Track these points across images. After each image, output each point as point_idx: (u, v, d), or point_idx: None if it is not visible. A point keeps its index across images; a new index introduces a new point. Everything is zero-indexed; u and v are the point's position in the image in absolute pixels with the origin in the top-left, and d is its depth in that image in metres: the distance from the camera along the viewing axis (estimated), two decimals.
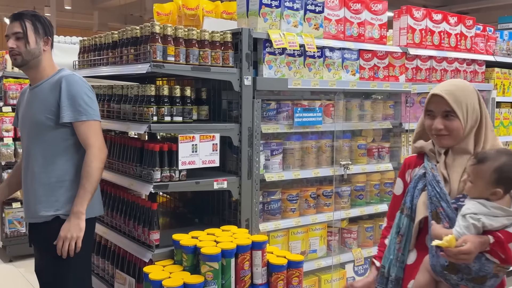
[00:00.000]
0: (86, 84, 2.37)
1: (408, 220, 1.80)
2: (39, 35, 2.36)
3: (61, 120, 2.27)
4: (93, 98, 2.36)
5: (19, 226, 4.84)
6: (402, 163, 1.97)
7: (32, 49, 2.34)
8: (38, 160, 2.33)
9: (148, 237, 2.45)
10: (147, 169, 2.47)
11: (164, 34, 2.42)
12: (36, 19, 2.38)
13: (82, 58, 3.17)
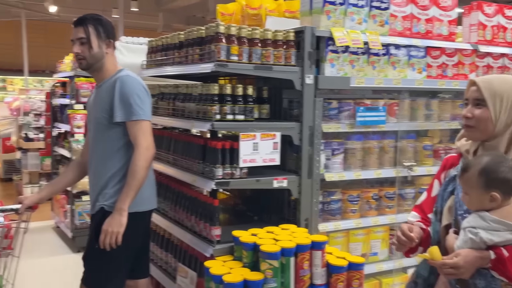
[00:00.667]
0: (139, 85, 2.46)
1: (438, 225, 1.72)
2: (101, 38, 2.48)
3: (114, 119, 2.40)
4: (145, 99, 2.45)
5: (87, 218, 5.10)
6: (441, 163, 1.87)
7: (95, 53, 2.47)
8: (98, 156, 2.52)
9: (209, 233, 2.51)
10: (210, 166, 2.52)
11: (228, 34, 2.46)
12: (98, 23, 2.49)
13: (150, 58, 3.29)
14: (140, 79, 2.53)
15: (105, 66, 2.52)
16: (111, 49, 2.54)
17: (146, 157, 2.38)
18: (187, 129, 3.38)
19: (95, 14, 2.57)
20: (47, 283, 4.34)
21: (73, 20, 2.51)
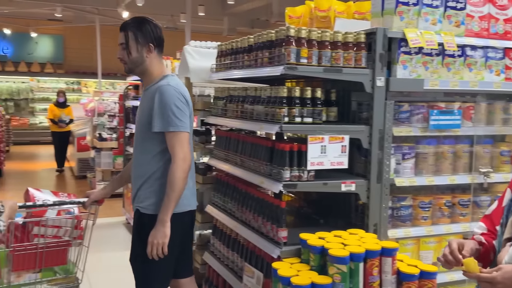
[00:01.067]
0: (179, 95, 2.48)
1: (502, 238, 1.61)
2: (140, 43, 2.51)
3: (152, 129, 2.48)
4: (183, 109, 2.48)
5: None
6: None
7: (133, 58, 2.52)
8: (136, 159, 2.64)
9: (276, 234, 2.53)
10: (277, 168, 2.54)
11: (298, 37, 2.47)
12: (137, 28, 2.52)
13: (219, 62, 3.37)
14: (181, 88, 2.53)
15: (149, 70, 2.56)
16: (152, 54, 2.55)
17: (183, 168, 2.45)
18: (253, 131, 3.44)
19: (139, 18, 2.60)
20: (117, 276, 4.53)
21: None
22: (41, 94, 16.04)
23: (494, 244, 1.72)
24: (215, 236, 3.38)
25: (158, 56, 2.60)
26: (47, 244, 2.66)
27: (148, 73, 2.58)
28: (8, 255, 2.58)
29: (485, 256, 1.70)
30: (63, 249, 2.77)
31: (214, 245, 3.38)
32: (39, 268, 2.69)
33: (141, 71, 2.58)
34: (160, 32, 2.62)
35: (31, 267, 2.67)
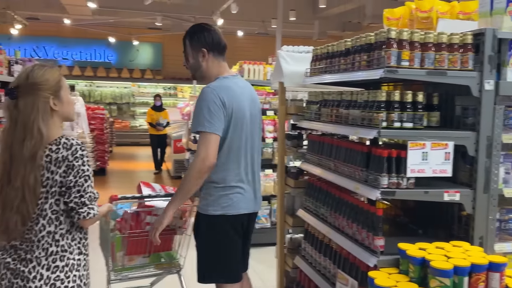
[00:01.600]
0: (215, 97, 2.55)
1: None
2: (195, 50, 2.65)
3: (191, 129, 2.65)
4: (215, 111, 2.53)
5: (265, 222, 5.42)
6: None
7: (191, 64, 2.70)
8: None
9: (372, 242, 2.46)
10: (374, 174, 2.47)
11: (400, 39, 2.39)
12: (191, 36, 2.66)
13: (314, 66, 3.36)
14: (220, 91, 2.58)
15: (207, 74, 2.68)
16: (207, 58, 2.67)
17: (200, 167, 2.52)
18: (345, 135, 3.38)
19: (194, 26, 2.74)
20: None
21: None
22: (141, 99, 17.12)
23: None
24: (307, 241, 3.37)
25: (215, 59, 2.71)
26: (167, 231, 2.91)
27: (207, 77, 2.70)
28: (123, 241, 2.91)
29: None
30: (169, 236, 3.05)
31: (306, 250, 3.37)
32: (148, 253, 3.00)
33: (201, 75, 2.72)
34: (216, 36, 2.71)
35: (141, 252, 2.98)
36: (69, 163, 1.93)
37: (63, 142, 1.95)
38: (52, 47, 16.30)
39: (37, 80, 1.96)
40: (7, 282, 1.94)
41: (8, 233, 1.94)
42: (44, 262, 1.95)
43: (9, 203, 1.90)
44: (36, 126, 1.92)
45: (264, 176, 5.50)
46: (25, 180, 1.89)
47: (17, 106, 1.95)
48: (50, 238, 1.96)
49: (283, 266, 3.82)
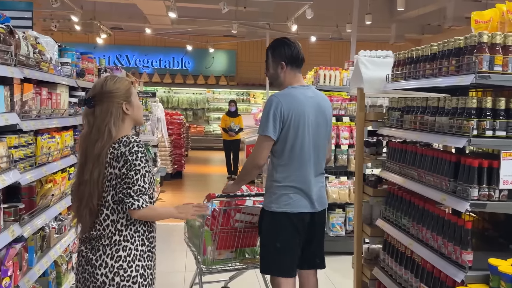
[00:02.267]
0: (275, 104, 2.84)
1: None
2: (275, 62, 2.97)
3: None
4: (268, 117, 2.84)
5: (340, 230, 5.37)
6: None
7: (271, 74, 3.02)
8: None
9: (460, 257, 2.34)
10: (463, 185, 2.35)
11: (492, 43, 2.26)
12: (273, 50, 3.00)
13: (397, 71, 3.27)
14: (279, 98, 2.87)
15: (284, 83, 2.98)
16: (286, 70, 2.96)
17: (248, 164, 2.97)
18: (428, 143, 3.25)
19: (276, 41, 3.06)
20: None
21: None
22: (215, 105, 17.57)
23: None
24: (386, 252, 3.27)
25: (291, 71, 2.99)
26: (244, 229, 3.26)
27: (283, 85, 3.00)
28: (214, 236, 3.22)
29: None
30: (255, 233, 3.33)
31: (385, 261, 3.27)
32: (236, 248, 3.31)
33: (278, 84, 3.03)
34: (295, 51, 2.98)
35: (229, 247, 3.29)
36: (125, 157, 2.10)
37: (123, 140, 2.14)
38: (134, 55, 17.19)
39: (110, 89, 2.17)
40: (82, 268, 2.14)
41: (83, 224, 2.16)
42: (109, 251, 2.10)
43: (83, 198, 2.12)
44: (108, 128, 2.12)
45: (339, 183, 5.42)
46: (91, 175, 2.09)
47: (94, 113, 2.16)
48: (113, 228, 2.13)
49: (360, 276, 3.73)
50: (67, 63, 3.25)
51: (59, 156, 3.00)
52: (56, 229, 2.92)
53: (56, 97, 3.00)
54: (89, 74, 3.78)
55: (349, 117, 5.46)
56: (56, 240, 2.90)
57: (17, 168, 2.28)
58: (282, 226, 2.92)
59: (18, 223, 2.28)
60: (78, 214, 2.17)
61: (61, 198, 3.02)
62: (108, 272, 2.08)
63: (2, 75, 2.09)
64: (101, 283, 2.08)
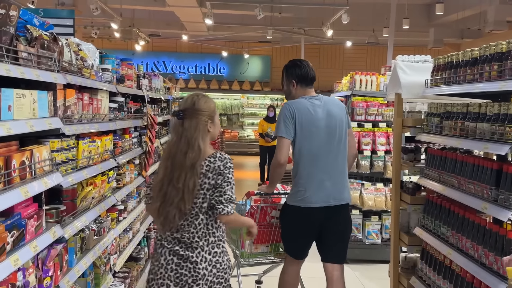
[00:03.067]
0: (287, 110, 3.29)
1: None
2: (288, 80, 3.45)
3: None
4: (280, 120, 3.30)
5: (375, 238, 5.29)
6: None
7: (285, 90, 3.51)
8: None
9: (501, 267, 2.25)
10: (505, 194, 2.28)
11: None
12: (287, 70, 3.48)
13: (436, 76, 3.20)
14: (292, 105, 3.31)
15: (295, 98, 3.40)
16: (297, 87, 3.42)
17: (273, 163, 3.33)
18: (468, 150, 3.16)
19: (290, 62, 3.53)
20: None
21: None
22: (249, 110, 17.65)
23: None
24: (424, 261, 3.19)
25: (301, 88, 3.43)
26: (279, 225, 3.55)
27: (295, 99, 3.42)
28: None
29: None
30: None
31: (423, 270, 3.19)
32: (271, 242, 3.63)
33: (291, 99, 3.45)
34: (304, 71, 3.42)
35: (265, 242, 3.62)
36: (220, 171, 2.42)
37: (218, 156, 2.46)
38: (171, 61, 17.50)
39: (201, 108, 2.47)
40: (174, 266, 2.42)
41: (167, 223, 2.42)
42: (206, 248, 2.44)
43: (169, 199, 2.40)
44: (197, 143, 2.41)
45: (375, 190, 5.34)
46: (185, 184, 2.37)
47: (183, 125, 2.45)
48: (207, 230, 2.45)
49: (397, 286, 3.66)
50: (108, 69, 3.34)
51: (99, 160, 3.08)
52: (96, 231, 2.99)
53: (97, 102, 3.08)
54: (128, 80, 3.87)
55: (385, 123, 5.37)
56: (95, 242, 2.97)
57: (59, 171, 2.36)
58: (293, 218, 3.33)
59: (59, 225, 2.35)
60: (160, 213, 2.44)
61: (100, 200, 3.09)
62: (208, 265, 2.42)
63: (46, 81, 2.16)
64: (202, 275, 2.41)
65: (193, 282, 2.40)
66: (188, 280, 2.39)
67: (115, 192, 3.46)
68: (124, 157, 3.67)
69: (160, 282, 2.44)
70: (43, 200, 2.22)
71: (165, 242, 2.49)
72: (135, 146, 4.23)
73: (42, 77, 2.09)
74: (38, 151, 2.16)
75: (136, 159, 4.28)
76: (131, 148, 4.03)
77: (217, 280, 2.46)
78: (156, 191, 2.46)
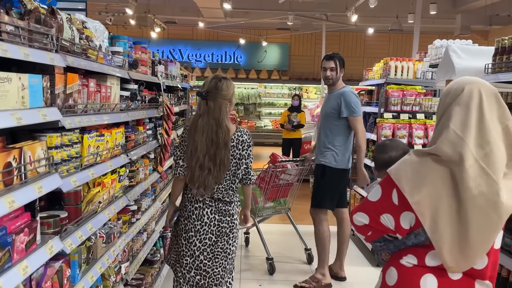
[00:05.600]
0: (356, 96, 4.31)
1: None
2: (343, 69, 4.39)
3: (341, 115, 4.25)
4: (358, 103, 4.29)
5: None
6: None
7: (337, 77, 4.36)
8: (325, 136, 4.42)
9: None
10: None
11: None
12: (342, 60, 4.40)
13: (499, 61, 2.72)
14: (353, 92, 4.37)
15: (338, 82, 4.42)
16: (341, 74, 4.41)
17: (363, 139, 4.36)
18: None
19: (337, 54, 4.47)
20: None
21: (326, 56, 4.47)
22: (267, 100, 17.15)
23: None
24: None
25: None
26: (283, 185, 4.94)
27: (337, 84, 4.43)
28: (265, 190, 4.85)
29: None
30: (288, 188, 5.06)
31: None
32: (277, 197, 5.06)
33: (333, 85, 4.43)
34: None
35: (273, 198, 5.04)
36: (248, 143, 2.94)
37: (244, 131, 2.96)
38: (187, 49, 17.05)
39: (223, 92, 2.83)
40: (216, 222, 2.92)
41: (205, 187, 2.86)
42: (234, 205, 3.00)
43: (207, 170, 2.82)
44: (224, 123, 2.83)
45: None
46: (222, 159, 2.82)
47: (207, 104, 2.83)
48: (234, 188, 2.97)
49: None
50: (119, 52, 2.92)
51: (109, 156, 2.68)
52: (104, 238, 2.60)
53: (106, 90, 2.67)
54: (142, 65, 3.46)
55: (424, 114, 4.88)
56: (104, 250, 2.59)
57: (58, 172, 1.96)
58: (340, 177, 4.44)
59: (59, 236, 1.96)
60: (197, 181, 2.84)
61: (110, 202, 2.70)
62: (237, 216, 3.04)
63: (40, 62, 1.75)
64: (235, 224, 3.00)
65: (230, 232, 2.97)
66: (226, 231, 2.95)
67: (128, 192, 3.07)
68: (138, 151, 3.28)
69: (203, 237, 2.91)
70: (37, 208, 1.82)
71: (206, 204, 2.92)
72: (150, 139, 3.83)
73: (33, 57, 1.68)
74: (30, 149, 1.76)
75: (151, 153, 3.88)
76: (146, 141, 3.63)
77: (238, 226, 3.07)
78: (193, 162, 2.84)
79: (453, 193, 1.67)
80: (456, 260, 1.68)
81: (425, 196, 1.68)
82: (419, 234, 1.75)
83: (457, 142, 1.67)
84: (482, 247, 1.66)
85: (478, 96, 1.71)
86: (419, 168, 1.72)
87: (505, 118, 1.71)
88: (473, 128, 1.67)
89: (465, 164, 1.64)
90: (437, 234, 1.68)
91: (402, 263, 1.81)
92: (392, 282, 1.83)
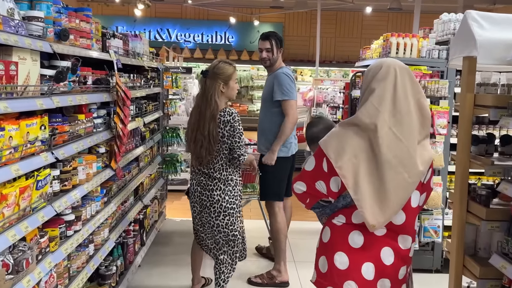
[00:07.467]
0: (290, 78, 4.02)
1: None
2: (281, 48, 4.11)
3: (274, 98, 3.99)
4: (291, 85, 4.01)
5: (434, 236, 4.12)
6: None
7: (273, 58, 4.08)
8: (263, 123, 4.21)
9: None
10: None
11: None
12: (279, 39, 4.13)
13: None
14: (289, 73, 4.06)
15: (275, 64, 4.12)
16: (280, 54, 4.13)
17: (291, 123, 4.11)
18: None
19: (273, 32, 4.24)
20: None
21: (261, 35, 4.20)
22: (260, 82, 16.34)
23: None
24: None
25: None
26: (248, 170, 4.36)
27: (275, 66, 4.14)
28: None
29: None
30: (252, 174, 4.40)
31: None
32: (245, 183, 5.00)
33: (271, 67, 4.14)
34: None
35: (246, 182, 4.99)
36: (231, 123, 3.18)
37: (227, 110, 3.20)
38: (175, 29, 16.15)
39: (218, 72, 3.23)
40: (198, 194, 3.31)
41: (200, 159, 3.23)
42: (223, 180, 3.25)
43: (199, 142, 3.19)
44: (214, 99, 3.18)
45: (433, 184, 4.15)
46: (210, 131, 3.15)
47: (206, 83, 3.24)
48: (222, 167, 3.25)
49: None
50: (38, 18, 2.22)
51: (17, 157, 2.00)
52: (10, 267, 1.94)
53: (14, 68, 1.98)
54: (82, 37, 2.75)
55: (429, 99, 4.19)
56: (10, 284, 1.92)
57: None
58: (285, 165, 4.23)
59: None
60: (195, 152, 3.24)
61: (21, 218, 2.03)
62: (221, 193, 3.24)
63: None
64: (216, 200, 3.24)
65: (210, 206, 3.26)
66: (207, 204, 3.27)
67: (55, 200, 2.39)
68: (74, 146, 2.59)
69: (192, 205, 3.40)
70: None
71: (194, 175, 3.35)
72: (100, 129, 3.15)
73: None
74: None
75: (101, 147, 3.20)
76: (91, 132, 2.94)
77: (230, 205, 3.26)
78: (189, 135, 3.30)
79: (371, 157, 1.95)
80: (376, 217, 1.93)
81: (347, 161, 1.96)
82: (346, 196, 2.04)
83: (373, 113, 1.96)
84: (398, 203, 1.95)
85: (393, 74, 2.00)
86: (342, 137, 2.00)
87: (417, 92, 2.03)
88: (388, 101, 1.96)
89: (380, 131, 1.93)
90: (359, 194, 1.94)
91: (334, 222, 2.11)
92: (326, 239, 2.14)
